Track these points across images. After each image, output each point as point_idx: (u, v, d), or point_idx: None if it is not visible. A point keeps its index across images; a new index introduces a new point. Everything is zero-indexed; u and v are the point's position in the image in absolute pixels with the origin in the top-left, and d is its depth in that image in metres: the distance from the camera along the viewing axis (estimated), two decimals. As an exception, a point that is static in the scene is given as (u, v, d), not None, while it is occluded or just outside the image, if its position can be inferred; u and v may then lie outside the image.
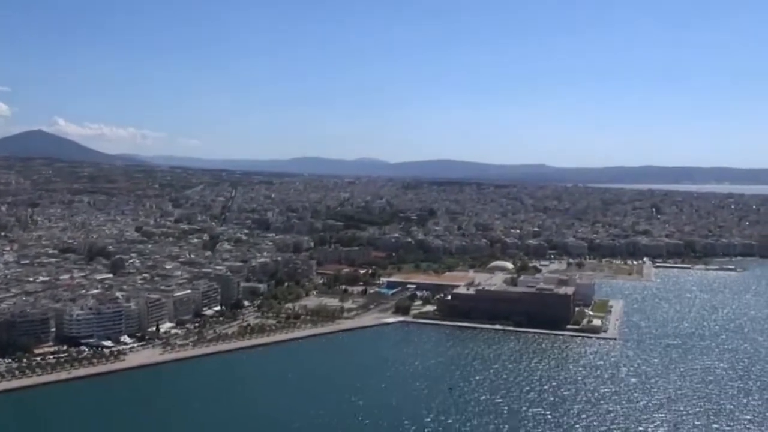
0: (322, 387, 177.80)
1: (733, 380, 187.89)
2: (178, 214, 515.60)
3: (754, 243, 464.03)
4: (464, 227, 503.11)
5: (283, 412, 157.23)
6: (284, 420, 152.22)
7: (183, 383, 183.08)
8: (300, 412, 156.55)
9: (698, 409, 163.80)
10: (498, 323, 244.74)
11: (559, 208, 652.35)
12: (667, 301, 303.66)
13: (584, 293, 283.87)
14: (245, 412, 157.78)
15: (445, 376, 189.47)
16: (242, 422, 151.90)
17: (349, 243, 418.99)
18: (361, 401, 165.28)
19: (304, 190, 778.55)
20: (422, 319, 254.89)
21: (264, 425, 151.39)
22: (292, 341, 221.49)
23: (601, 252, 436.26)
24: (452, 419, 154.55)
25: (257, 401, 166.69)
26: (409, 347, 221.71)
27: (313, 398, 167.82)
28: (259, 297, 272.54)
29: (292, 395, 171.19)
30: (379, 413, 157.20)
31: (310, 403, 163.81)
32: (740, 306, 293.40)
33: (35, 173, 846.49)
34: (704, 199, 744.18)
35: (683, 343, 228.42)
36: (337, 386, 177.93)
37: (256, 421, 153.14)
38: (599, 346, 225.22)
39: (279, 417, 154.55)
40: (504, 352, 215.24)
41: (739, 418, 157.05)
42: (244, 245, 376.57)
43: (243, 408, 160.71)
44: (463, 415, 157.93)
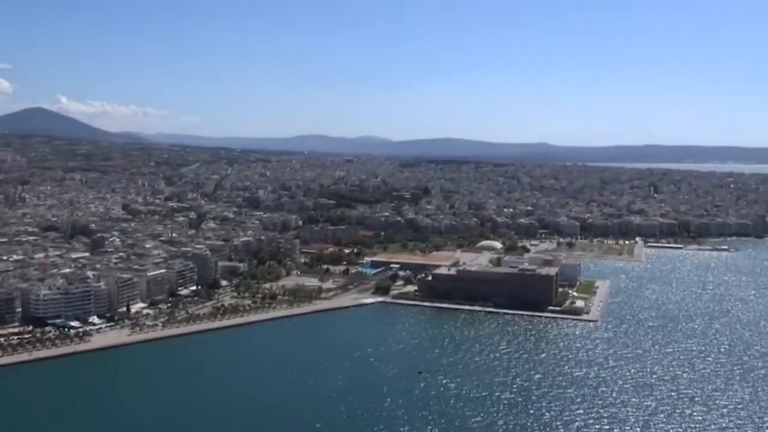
0: (284, 369, 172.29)
1: (713, 365, 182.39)
2: (169, 192, 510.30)
3: (749, 223, 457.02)
4: (457, 206, 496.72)
5: (237, 396, 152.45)
6: (236, 403, 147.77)
7: (147, 365, 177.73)
8: (253, 395, 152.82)
9: (673, 394, 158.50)
10: (478, 304, 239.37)
11: (556, 187, 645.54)
12: (654, 281, 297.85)
13: (569, 274, 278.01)
14: (204, 395, 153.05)
15: (417, 358, 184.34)
16: (201, 406, 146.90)
17: (338, 222, 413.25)
18: (322, 384, 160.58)
19: (300, 168, 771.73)
20: (401, 299, 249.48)
21: (220, 409, 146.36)
22: (265, 322, 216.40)
23: (593, 232, 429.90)
24: (415, 404, 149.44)
25: (218, 383, 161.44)
26: (384, 328, 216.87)
27: (273, 381, 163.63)
28: (239, 277, 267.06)
29: (251, 377, 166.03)
30: (337, 397, 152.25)
31: (268, 385, 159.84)
32: (729, 287, 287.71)
33: (33, 151, 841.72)
34: (703, 179, 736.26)
35: (665, 325, 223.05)
36: (299, 369, 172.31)
37: (215, 405, 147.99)
38: (579, 329, 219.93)
39: (232, 400, 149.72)
40: (480, 335, 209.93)
41: (715, 405, 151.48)
42: (230, 224, 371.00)
43: (202, 390, 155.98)
44: (428, 399, 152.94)
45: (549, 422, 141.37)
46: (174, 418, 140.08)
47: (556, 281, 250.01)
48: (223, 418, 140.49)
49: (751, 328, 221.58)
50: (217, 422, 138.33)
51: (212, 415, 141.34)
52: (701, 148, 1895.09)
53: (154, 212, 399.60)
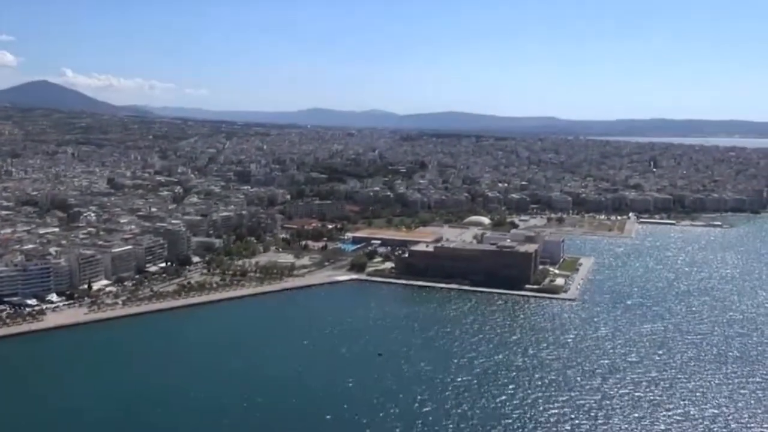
0: (240, 349, 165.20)
1: (688, 346, 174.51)
2: (159, 165, 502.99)
3: (745, 198, 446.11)
4: (451, 181, 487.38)
5: (180, 377, 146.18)
6: (179, 385, 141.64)
7: (102, 345, 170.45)
8: (199, 376, 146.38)
9: (637, 377, 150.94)
10: (455, 282, 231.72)
11: (554, 161, 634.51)
12: (641, 258, 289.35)
13: (552, 251, 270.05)
14: (155, 375, 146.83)
15: (382, 338, 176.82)
16: (150, 386, 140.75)
17: (327, 197, 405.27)
18: (275, 365, 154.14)
19: (299, 142, 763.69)
20: (377, 277, 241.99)
21: (168, 390, 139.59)
22: (231, 300, 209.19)
23: (586, 207, 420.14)
24: (368, 387, 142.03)
25: (169, 364, 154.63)
26: (354, 307, 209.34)
27: (224, 361, 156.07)
28: (213, 253, 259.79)
29: (201, 358, 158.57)
30: (289, 379, 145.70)
31: (220, 366, 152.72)
32: (716, 265, 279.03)
33: (32, 123, 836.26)
34: (706, 153, 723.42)
35: (645, 303, 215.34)
36: (255, 349, 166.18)
37: (163, 386, 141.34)
38: (555, 308, 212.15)
39: (177, 381, 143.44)
40: (451, 314, 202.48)
41: (680, 390, 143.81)
42: (214, 198, 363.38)
43: (154, 370, 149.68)
44: (383, 382, 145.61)
45: (502, 407, 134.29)
46: (121, 399, 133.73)
47: (535, 258, 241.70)
48: (169, 400, 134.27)
49: (732, 307, 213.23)
50: (158, 405, 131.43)
51: (158, 398, 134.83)
52: (709, 122, 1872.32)
53: (139, 186, 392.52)
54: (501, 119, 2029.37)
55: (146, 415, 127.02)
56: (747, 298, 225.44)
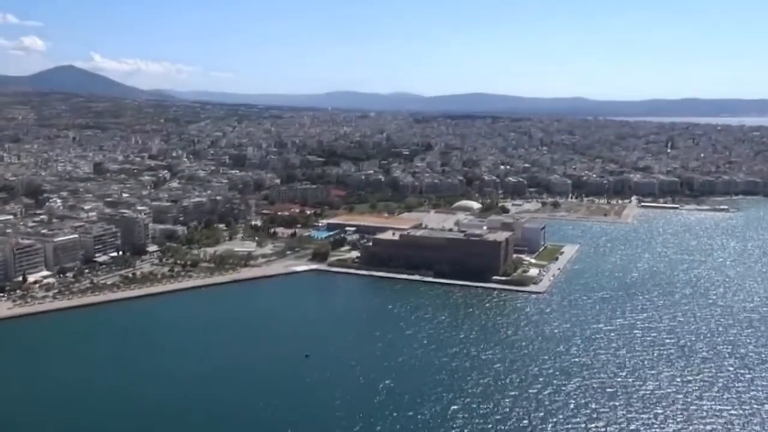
0: (160, 348, 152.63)
1: (652, 345, 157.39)
2: (157, 149, 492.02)
3: (758, 180, 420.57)
4: (452, 163, 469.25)
5: (92, 376, 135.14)
6: (88, 385, 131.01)
7: (24, 341, 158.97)
8: (108, 377, 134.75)
9: (583, 383, 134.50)
10: (419, 273, 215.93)
11: (566, 142, 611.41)
12: (630, 245, 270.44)
13: (531, 238, 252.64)
14: (68, 375, 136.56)
15: (316, 337, 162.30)
16: (54, 387, 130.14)
17: (318, 180, 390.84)
18: (192, 365, 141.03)
19: (310, 125, 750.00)
20: (339, 267, 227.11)
21: (77, 391, 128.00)
22: (174, 293, 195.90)
23: (586, 190, 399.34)
24: (282, 393, 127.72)
25: (83, 363, 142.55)
26: (302, 301, 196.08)
27: (136, 362, 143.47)
28: (175, 241, 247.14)
29: (117, 357, 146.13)
30: (199, 380, 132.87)
31: (129, 367, 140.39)
32: (710, 252, 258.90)
33: (48, 108, 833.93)
34: (727, 133, 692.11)
35: (618, 296, 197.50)
36: (175, 348, 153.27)
37: (74, 386, 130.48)
38: (519, 302, 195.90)
39: (86, 383, 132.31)
40: (403, 309, 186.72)
41: (628, 398, 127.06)
42: (196, 183, 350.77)
43: (69, 369, 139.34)
44: (299, 387, 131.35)
45: (430, 418, 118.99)
46: (32, 401, 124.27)
47: (506, 247, 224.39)
48: (79, 401, 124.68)
49: (714, 300, 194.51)
50: (67, 406, 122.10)
51: (68, 398, 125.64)
52: (742, 101, 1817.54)
53: (125, 171, 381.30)
54: (528, 100, 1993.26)
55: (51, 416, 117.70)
56: (733, 289, 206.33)
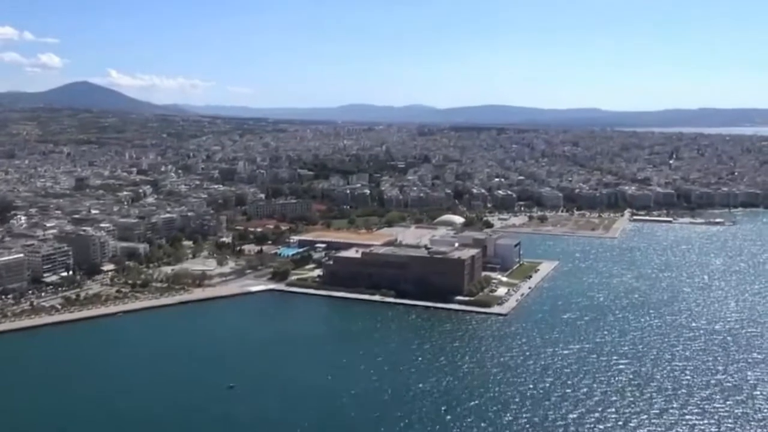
0: (79, 378, 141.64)
1: (607, 374, 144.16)
2: (147, 164, 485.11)
3: (759, 192, 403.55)
4: (444, 176, 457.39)
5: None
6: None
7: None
8: (28, 408, 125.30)
9: (530, 416, 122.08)
10: (379, 293, 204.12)
11: (567, 154, 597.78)
12: (612, 261, 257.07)
13: (503, 255, 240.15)
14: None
15: (248, 365, 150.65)
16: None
17: (303, 195, 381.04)
18: (107, 398, 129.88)
19: (312, 138, 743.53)
20: (298, 287, 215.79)
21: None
22: (114, 316, 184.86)
23: (579, 203, 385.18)
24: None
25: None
26: (248, 324, 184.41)
27: (52, 391, 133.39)
28: (136, 259, 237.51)
29: (36, 386, 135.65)
30: (105, 415, 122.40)
31: (48, 397, 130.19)
32: (694, 269, 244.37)
33: (56, 124, 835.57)
34: (735, 142, 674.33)
35: (587, 318, 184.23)
36: (95, 378, 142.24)
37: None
38: (478, 325, 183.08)
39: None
40: (351, 333, 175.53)
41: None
42: (174, 198, 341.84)
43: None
44: (215, 424, 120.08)
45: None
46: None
47: (472, 265, 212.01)
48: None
49: (688, 323, 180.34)
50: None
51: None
52: (760, 111, 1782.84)
53: (105, 186, 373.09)
54: (543, 111, 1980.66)
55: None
56: (711, 311, 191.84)
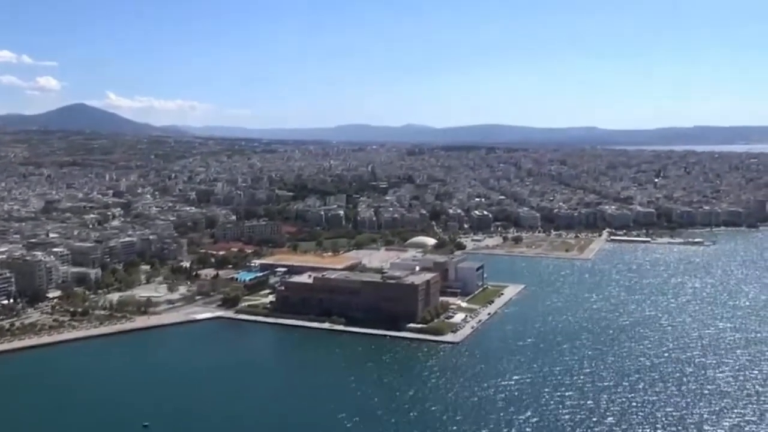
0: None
1: (547, 409, 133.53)
2: (125, 186, 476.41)
3: (741, 211, 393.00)
4: (424, 197, 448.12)
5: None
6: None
7: None
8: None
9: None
10: (329, 321, 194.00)
11: (553, 173, 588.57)
12: (581, 284, 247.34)
13: (465, 279, 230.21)
14: None
15: (170, 402, 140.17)
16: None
17: (276, 216, 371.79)
18: None
19: (300, 159, 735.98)
20: (248, 314, 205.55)
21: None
22: (45, 347, 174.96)
23: (556, 223, 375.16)
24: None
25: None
26: (184, 356, 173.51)
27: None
28: (86, 285, 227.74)
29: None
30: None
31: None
32: (664, 293, 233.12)
33: (45, 146, 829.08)
34: (723, 160, 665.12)
35: (543, 346, 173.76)
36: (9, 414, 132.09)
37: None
38: (427, 354, 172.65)
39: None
40: (294, 364, 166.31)
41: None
42: (141, 221, 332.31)
43: None
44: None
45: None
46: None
47: (427, 290, 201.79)
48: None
49: (647, 351, 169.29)
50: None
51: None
52: (755, 128, 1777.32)
53: (73, 209, 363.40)
54: (540, 130, 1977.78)
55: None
56: (674, 337, 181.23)
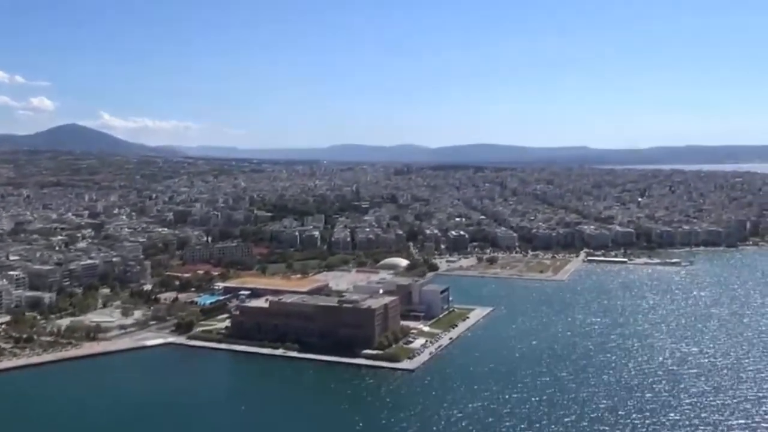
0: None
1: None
2: (102, 206, 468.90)
3: (721, 230, 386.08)
4: (403, 217, 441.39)
5: None
6: None
7: None
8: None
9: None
10: (283, 347, 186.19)
11: (537, 192, 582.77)
12: (551, 306, 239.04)
13: (429, 302, 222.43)
14: None
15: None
16: None
17: (249, 237, 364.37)
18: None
19: (286, 178, 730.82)
20: (201, 340, 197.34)
21: None
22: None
23: (535, 243, 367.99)
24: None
25: None
26: (126, 386, 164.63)
27: None
28: (40, 309, 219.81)
29: None
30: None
31: None
32: (634, 316, 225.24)
33: (33, 166, 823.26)
34: (709, 179, 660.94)
35: (500, 373, 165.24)
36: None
37: None
38: (377, 382, 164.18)
39: None
40: (240, 394, 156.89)
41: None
42: (109, 242, 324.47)
43: None
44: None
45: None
46: None
47: (385, 315, 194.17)
48: None
49: (604, 380, 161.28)
50: None
51: None
52: (745, 147, 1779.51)
53: (43, 231, 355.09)
54: (532, 150, 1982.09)
55: None
56: (636, 364, 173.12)
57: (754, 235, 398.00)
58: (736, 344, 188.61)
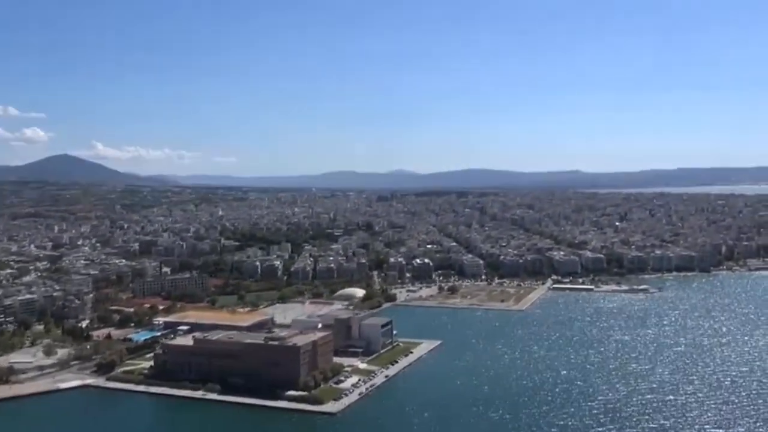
0: None
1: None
2: (67, 238, 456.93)
3: (694, 255, 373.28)
4: (373, 245, 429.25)
5: None
6: None
7: None
8: None
9: None
10: (204, 388, 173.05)
11: (515, 217, 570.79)
12: (504, 339, 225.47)
13: (369, 337, 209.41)
14: None
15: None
16: None
17: (208, 268, 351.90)
18: None
19: (267, 206, 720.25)
20: (120, 382, 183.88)
21: None
22: None
23: (502, 270, 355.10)
24: None
25: None
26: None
27: None
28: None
29: None
30: None
31: None
32: (587, 349, 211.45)
33: (16, 197, 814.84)
34: (692, 202, 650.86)
35: (433, 415, 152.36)
36: None
37: None
38: (294, 428, 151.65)
39: None
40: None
41: None
42: (58, 275, 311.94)
43: None
44: None
45: None
46: None
47: (315, 352, 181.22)
48: None
49: (548, 421, 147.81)
50: None
51: None
52: (736, 170, 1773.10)
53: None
54: (523, 175, 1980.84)
55: None
56: (579, 402, 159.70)
57: (729, 260, 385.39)
58: (686, 381, 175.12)
